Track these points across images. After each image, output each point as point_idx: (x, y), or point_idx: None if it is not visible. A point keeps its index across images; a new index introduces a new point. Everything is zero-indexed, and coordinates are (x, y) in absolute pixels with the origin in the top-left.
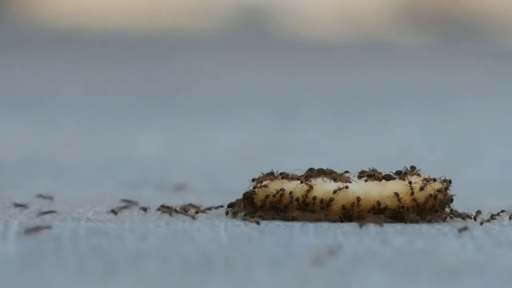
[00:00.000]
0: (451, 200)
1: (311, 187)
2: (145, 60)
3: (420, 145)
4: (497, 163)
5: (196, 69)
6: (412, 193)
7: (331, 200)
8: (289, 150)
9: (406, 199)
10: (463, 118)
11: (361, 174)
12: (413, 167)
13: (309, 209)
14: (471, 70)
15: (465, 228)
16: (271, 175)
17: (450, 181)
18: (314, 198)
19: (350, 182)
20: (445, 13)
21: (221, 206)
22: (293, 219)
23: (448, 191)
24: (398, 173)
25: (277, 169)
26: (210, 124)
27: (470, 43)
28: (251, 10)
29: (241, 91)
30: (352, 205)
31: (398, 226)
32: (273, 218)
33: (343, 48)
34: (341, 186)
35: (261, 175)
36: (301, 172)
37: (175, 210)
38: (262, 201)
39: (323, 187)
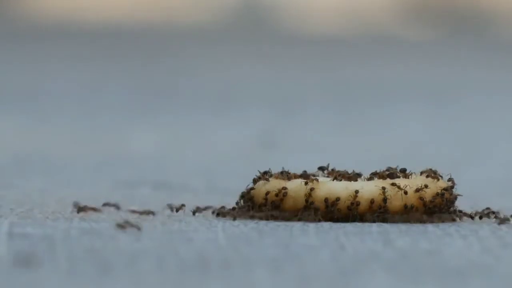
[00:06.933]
0: (455, 199)
1: (314, 186)
2: (142, 55)
3: (425, 143)
4: (504, 161)
5: (193, 64)
6: (418, 190)
7: (337, 199)
8: (289, 148)
9: (412, 197)
10: (470, 114)
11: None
12: (403, 170)
13: (312, 208)
14: (477, 65)
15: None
16: (267, 174)
17: (453, 185)
18: (326, 200)
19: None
20: (451, 6)
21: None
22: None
23: (453, 189)
24: (403, 171)
25: (277, 168)
26: (209, 121)
27: (477, 37)
28: (251, 3)
29: (240, 87)
30: (357, 203)
31: (402, 226)
32: (274, 218)
33: (346, 42)
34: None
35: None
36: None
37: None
38: (263, 199)
39: (327, 186)
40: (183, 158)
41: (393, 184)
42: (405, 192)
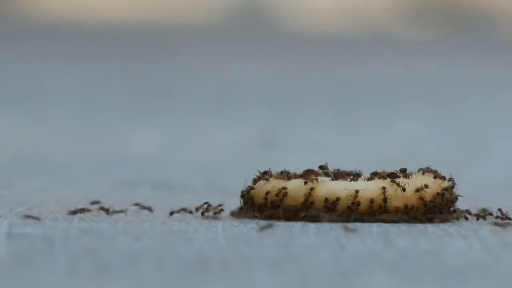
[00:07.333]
0: (456, 199)
1: (314, 186)
2: (142, 55)
3: (425, 143)
4: (505, 161)
5: (193, 64)
6: (417, 190)
7: (338, 199)
8: (289, 148)
9: (412, 197)
10: (470, 114)
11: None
12: (403, 170)
13: (313, 209)
14: (477, 65)
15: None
16: (267, 174)
17: (453, 185)
18: (326, 200)
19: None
20: (451, 6)
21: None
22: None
23: (454, 189)
24: (403, 170)
25: (277, 168)
26: (209, 121)
27: (477, 37)
28: (251, 3)
29: (240, 87)
30: (357, 203)
31: (402, 226)
32: (273, 218)
33: (346, 42)
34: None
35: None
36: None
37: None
38: (263, 199)
39: (327, 186)
40: (183, 158)
41: (392, 181)
42: (403, 189)
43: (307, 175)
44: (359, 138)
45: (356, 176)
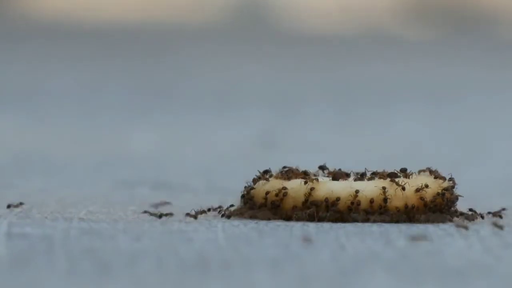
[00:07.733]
0: (457, 199)
1: (314, 186)
2: (141, 55)
3: (425, 143)
4: (505, 161)
5: (193, 64)
6: (418, 190)
7: (338, 199)
8: (289, 148)
9: (412, 197)
10: (470, 114)
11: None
12: (403, 170)
13: (311, 209)
14: (477, 65)
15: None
16: (267, 173)
17: (454, 185)
18: (326, 200)
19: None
20: (451, 6)
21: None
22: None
23: (454, 189)
24: (403, 170)
25: (277, 167)
26: (209, 121)
27: (477, 37)
28: (251, 3)
29: (240, 87)
30: (358, 203)
31: (402, 226)
32: (272, 218)
33: (346, 42)
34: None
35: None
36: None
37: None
38: (263, 199)
39: (327, 186)
40: (183, 158)
41: (392, 181)
42: (403, 188)
43: (289, 173)
44: (359, 138)
45: (361, 176)
